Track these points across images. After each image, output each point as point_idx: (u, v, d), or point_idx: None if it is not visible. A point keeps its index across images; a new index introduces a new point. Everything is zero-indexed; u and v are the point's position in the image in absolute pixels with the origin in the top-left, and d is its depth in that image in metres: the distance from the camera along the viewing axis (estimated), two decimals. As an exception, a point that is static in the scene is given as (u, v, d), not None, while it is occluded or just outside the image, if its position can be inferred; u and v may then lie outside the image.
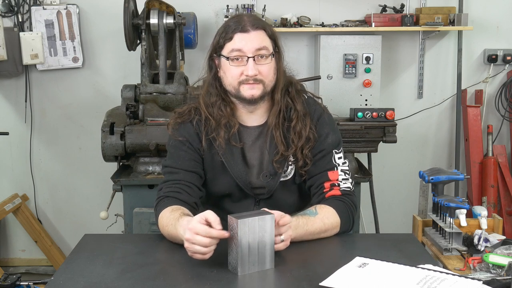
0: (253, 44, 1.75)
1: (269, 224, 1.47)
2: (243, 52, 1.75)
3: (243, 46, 1.75)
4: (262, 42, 1.76)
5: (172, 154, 1.88)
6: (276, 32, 1.85)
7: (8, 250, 3.86)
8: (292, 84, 1.89)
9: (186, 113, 1.89)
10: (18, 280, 2.01)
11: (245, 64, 1.75)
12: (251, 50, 1.75)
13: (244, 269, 1.46)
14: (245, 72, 1.75)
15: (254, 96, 1.78)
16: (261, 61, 1.77)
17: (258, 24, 1.78)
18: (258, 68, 1.76)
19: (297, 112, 1.84)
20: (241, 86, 1.78)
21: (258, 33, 1.77)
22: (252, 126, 1.88)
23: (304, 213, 1.72)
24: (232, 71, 1.78)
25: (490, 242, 2.09)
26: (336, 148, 1.87)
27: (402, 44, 3.67)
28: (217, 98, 1.84)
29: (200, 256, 1.48)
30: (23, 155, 3.71)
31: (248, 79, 1.76)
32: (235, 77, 1.77)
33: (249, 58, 1.75)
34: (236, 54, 1.75)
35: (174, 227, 1.62)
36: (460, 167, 3.71)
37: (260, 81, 1.77)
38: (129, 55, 3.33)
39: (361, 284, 1.39)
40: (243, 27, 1.76)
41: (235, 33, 1.76)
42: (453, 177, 2.30)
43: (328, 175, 1.83)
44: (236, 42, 1.75)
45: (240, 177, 1.85)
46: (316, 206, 1.76)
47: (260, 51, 1.76)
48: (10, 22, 3.53)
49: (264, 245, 1.47)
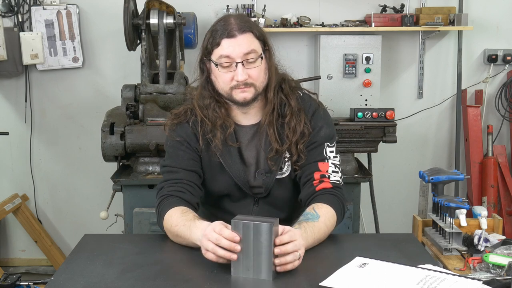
0: (240, 49, 1.73)
1: (265, 231, 1.44)
2: (232, 58, 1.74)
3: (231, 52, 1.73)
4: (250, 46, 1.75)
5: (171, 154, 1.88)
6: (264, 32, 1.83)
7: (8, 250, 3.86)
8: (285, 81, 1.88)
9: (182, 114, 1.89)
10: (18, 280, 2.01)
11: (234, 69, 1.75)
12: (239, 55, 1.73)
13: (238, 271, 1.45)
14: (235, 78, 1.75)
15: (246, 99, 1.78)
16: (250, 65, 1.75)
17: (245, 27, 1.76)
18: (248, 72, 1.75)
19: (291, 107, 1.84)
20: (233, 91, 1.78)
21: (245, 37, 1.75)
22: (247, 125, 1.88)
23: (307, 218, 1.69)
24: (222, 77, 1.77)
25: (490, 242, 2.09)
26: (329, 141, 1.86)
27: (402, 44, 3.67)
28: (210, 100, 1.84)
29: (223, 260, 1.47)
30: (23, 155, 3.71)
31: (239, 84, 1.76)
32: (226, 82, 1.77)
33: (237, 63, 1.74)
34: (225, 61, 1.75)
35: (189, 228, 1.63)
36: (460, 167, 3.71)
37: (251, 84, 1.77)
38: (129, 55, 3.33)
39: (361, 284, 1.39)
40: (230, 32, 1.74)
41: (222, 38, 1.74)
42: (453, 177, 2.30)
43: (318, 166, 1.82)
44: (224, 48, 1.74)
45: (239, 177, 1.85)
46: (314, 206, 1.74)
47: (249, 55, 1.74)
48: (10, 22, 3.53)
49: (260, 252, 1.44)
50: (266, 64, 1.81)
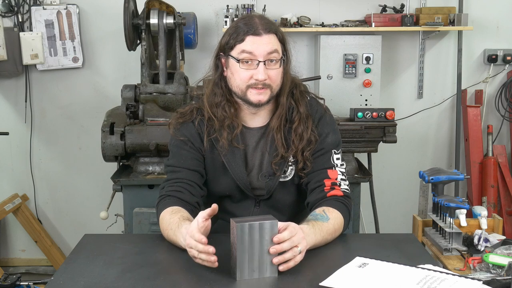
0: (264, 48, 1.73)
1: (270, 229, 1.44)
2: (254, 55, 1.73)
3: (255, 50, 1.73)
4: (273, 47, 1.75)
5: (175, 153, 1.88)
6: (286, 36, 1.83)
7: (8, 250, 3.86)
8: (296, 86, 1.88)
9: (188, 113, 1.89)
10: (18, 280, 2.01)
11: (255, 67, 1.74)
12: (262, 54, 1.73)
13: (243, 274, 1.44)
14: (255, 76, 1.74)
15: (261, 102, 1.78)
16: (271, 66, 1.75)
17: (271, 28, 1.76)
18: (268, 72, 1.74)
19: (300, 114, 1.84)
20: (248, 90, 1.76)
21: (270, 37, 1.75)
22: (255, 127, 1.88)
23: (316, 218, 1.69)
24: (241, 74, 1.76)
25: (490, 242, 2.09)
26: (336, 148, 1.87)
27: (402, 44, 3.67)
28: (222, 99, 1.83)
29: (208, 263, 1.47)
30: (23, 155, 3.71)
31: (257, 84, 1.75)
32: (244, 80, 1.76)
33: (260, 62, 1.73)
34: (247, 57, 1.74)
35: (174, 234, 1.63)
36: (460, 167, 3.71)
37: (268, 86, 1.76)
38: (129, 55, 3.33)
39: (361, 284, 1.39)
40: (256, 30, 1.73)
41: (247, 35, 1.73)
42: (453, 177, 2.31)
43: (327, 173, 1.82)
44: (248, 45, 1.73)
45: (241, 179, 1.85)
46: (324, 209, 1.73)
47: (271, 55, 1.74)
48: (10, 22, 3.53)
49: (264, 251, 1.44)
50: (283, 68, 1.81)
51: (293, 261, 1.47)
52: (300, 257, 1.48)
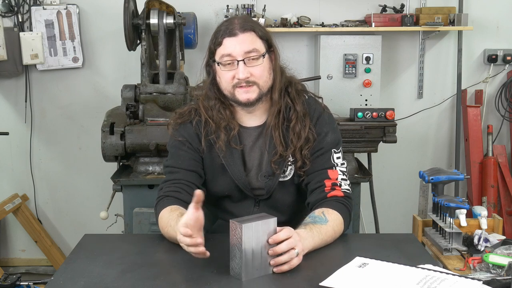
0: (242, 47, 1.74)
1: (272, 227, 1.45)
2: (233, 56, 1.75)
3: (232, 51, 1.75)
4: (252, 44, 1.76)
5: (173, 154, 1.88)
6: (268, 32, 1.84)
7: (8, 250, 3.86)
8: (292, 84, 1.88)
9: (187, 114, 1.90)
10: (18, 280, 2.01)
11: (235, 68, 1.76)
12: (240, 53, 1.74)
13: (248, 275, 1.44)
14: (236, 76, 1.76)
15: (250, 100, 1.78)
16: (252, 63, 1.76)
17: (247, 26, 1.77)
18: (250, 70, 1.76)
19: (296, 112, 1.84)
20: (235, 90, 1.78)
21: (246, 35, 1.76)
22: (252, 126, 1.88)
23: (314, 220, 1.69)
24: (225, 76, 1.78)
25: (490, 242, 2.09)
26: (335, 147, 1.86)
27: (402, 44, 3.67)
28: (216, 102, 1.85)
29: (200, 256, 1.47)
30: (23, 155, 3.71)
31: (240, 82, 1.76)
32: (228, 81, 1.78)
33: (239, 61, 1.75)
34: (226, 59, 1.76)
35: (173, 230, 1.63)
36: (460, 167, 3.71)
37: (254, 82, 1.77)
38: (129, 55, 3.33)
39: (361, 284, 1.40)
40: (231, 31, 1.75)
41: (223, 37, 1.76)
42: (453, 177, 2.31)
43: (327, 173, 1.82)
44: (226, 47, 1.76)
45: (240, 179, 1.85)
46: (323, 210, 1.73)
47: (250, 53, 1.75)
48: (10, 22, 3.53)
49: (267, 249, 1.45)
50: (270, 64, 1.82)
51: (288, 264, 1.47)
52: (297, 261, 1.49)
